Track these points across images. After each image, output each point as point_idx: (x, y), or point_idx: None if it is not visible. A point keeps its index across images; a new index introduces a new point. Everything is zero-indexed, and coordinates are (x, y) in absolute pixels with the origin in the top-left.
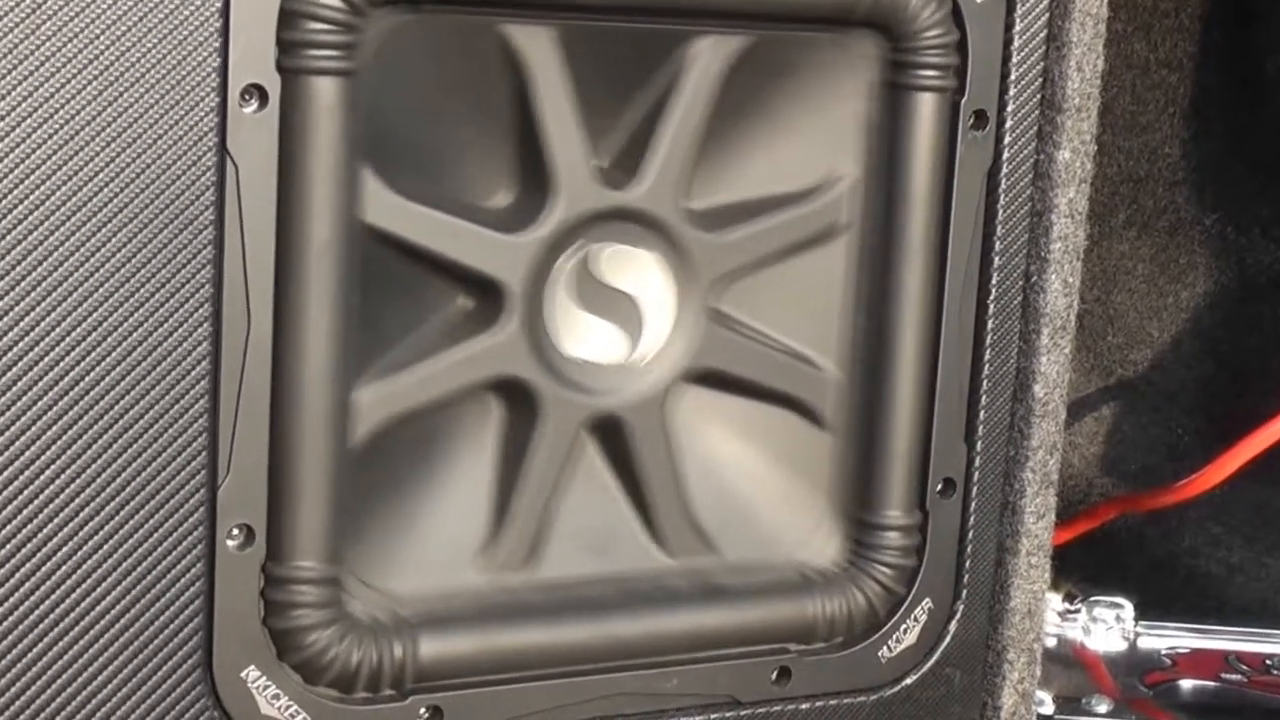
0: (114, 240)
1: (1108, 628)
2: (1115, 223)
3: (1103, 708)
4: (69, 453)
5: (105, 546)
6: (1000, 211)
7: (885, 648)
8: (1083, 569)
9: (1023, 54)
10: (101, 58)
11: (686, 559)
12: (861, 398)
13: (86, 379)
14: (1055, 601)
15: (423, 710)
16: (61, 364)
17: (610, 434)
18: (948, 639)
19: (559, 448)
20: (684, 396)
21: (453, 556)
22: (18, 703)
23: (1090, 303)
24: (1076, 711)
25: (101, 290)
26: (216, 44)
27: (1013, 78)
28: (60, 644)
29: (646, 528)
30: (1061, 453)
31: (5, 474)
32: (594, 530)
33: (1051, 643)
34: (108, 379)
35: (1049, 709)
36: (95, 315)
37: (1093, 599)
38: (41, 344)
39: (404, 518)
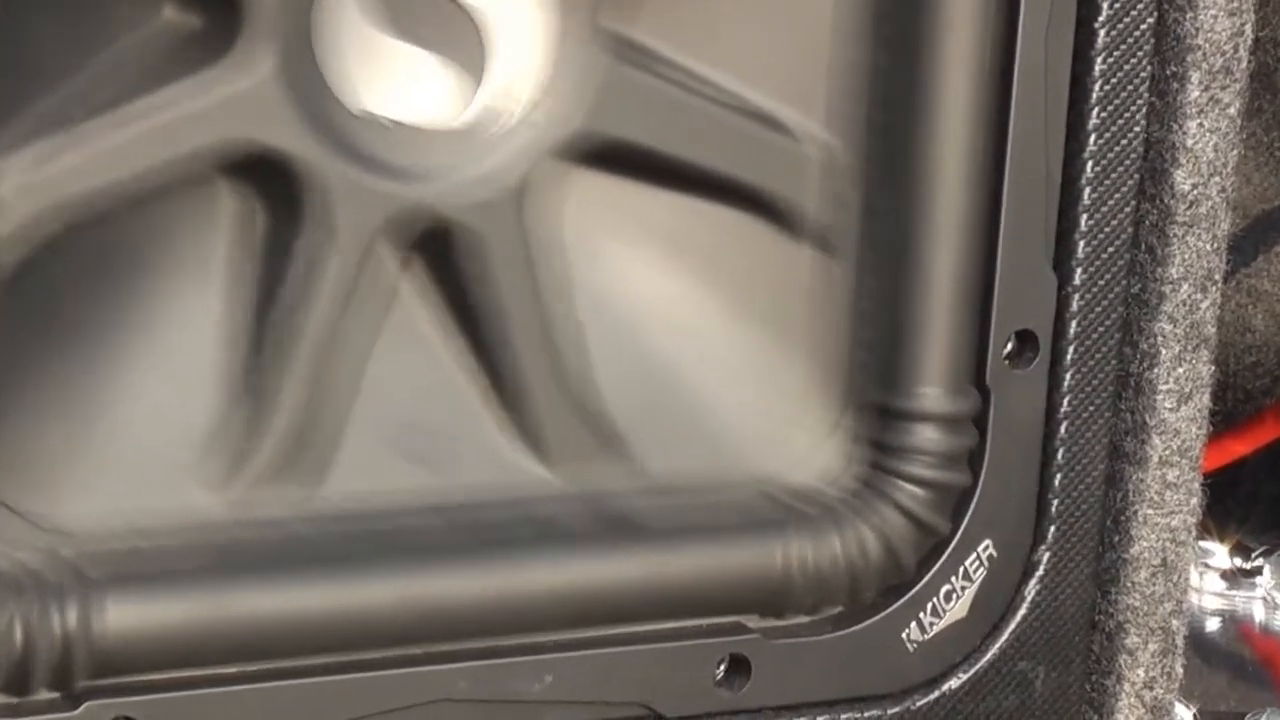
0: None
1: None
2: None
3: None
4: None
5: None
6: None
7: (914, 625)
8: (1268, 504)
9: None
10: None
11: (575, 471)
12: (874, 192)
13: None
14: (1217, 555)
15: None
16: None
17: (439, 253)
18: (1023, 610)
19: (345, 275)
20: (566, 188)
21: (165, 465)
22: None
23: None
24: None
25: None
26: None
27: None
28: None
29: (507, 418)
30: (1226, 297)
31: None
32: (415, 421)
33: (1211, 625)
34: None
35: None
36: None
37: None
38: None
39: (80, 399)
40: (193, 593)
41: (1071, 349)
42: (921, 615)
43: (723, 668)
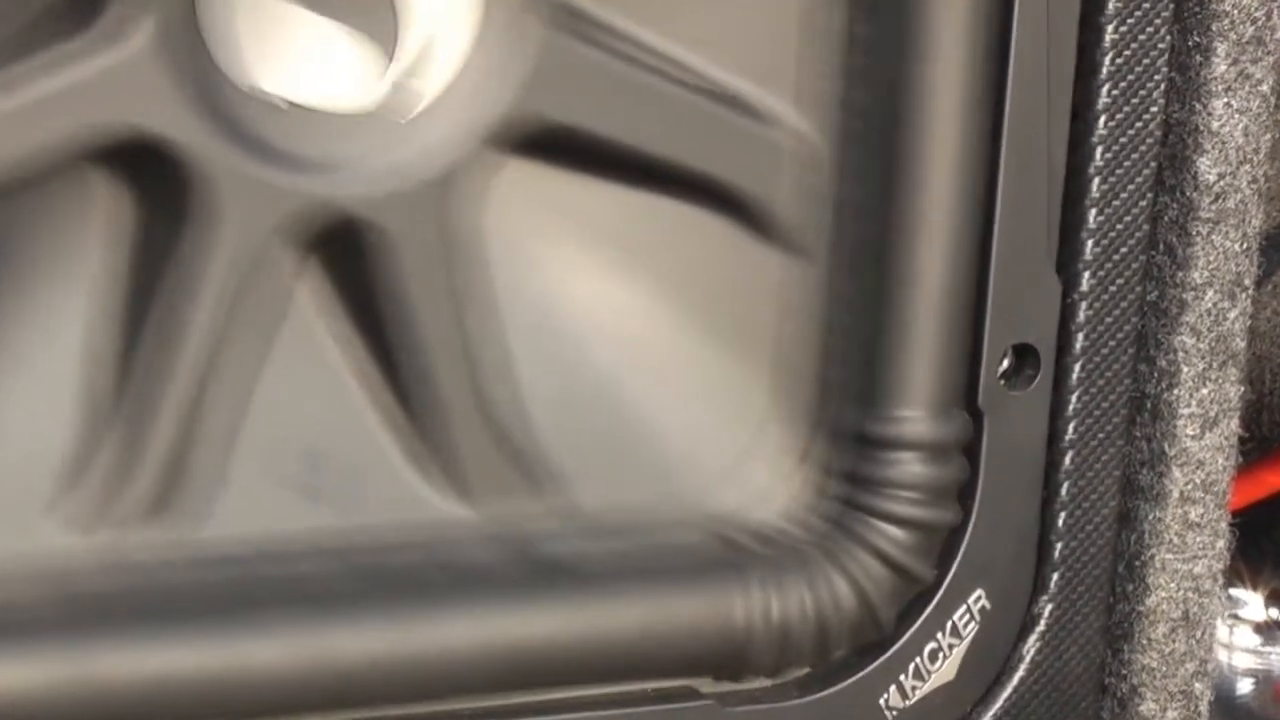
0: None
1: None
2: None
3: None
4: None
5: None
6: None
7: (894, 690)
8: None
9: None
10: None
11: (498, 509)
12: (851, 184)
13: None
14: (1250, 605)
15: None
16: None
17: (343, 256)
18: (1020, 672)
19: (233, 281)
20: (496, 181)
21: (19, 500)
22: None
23: None
24: None
25: None
26: None
27: None
28: None
29: (419, 448)
30: (1259, 305)
31: None
32: (312, 452)
33: (1243, 688)
34: None
35: None
36: None
37: None
38: None
39: None
40: (52, 653)
41: (1078, 366)
42: (902, 678)
43: None
